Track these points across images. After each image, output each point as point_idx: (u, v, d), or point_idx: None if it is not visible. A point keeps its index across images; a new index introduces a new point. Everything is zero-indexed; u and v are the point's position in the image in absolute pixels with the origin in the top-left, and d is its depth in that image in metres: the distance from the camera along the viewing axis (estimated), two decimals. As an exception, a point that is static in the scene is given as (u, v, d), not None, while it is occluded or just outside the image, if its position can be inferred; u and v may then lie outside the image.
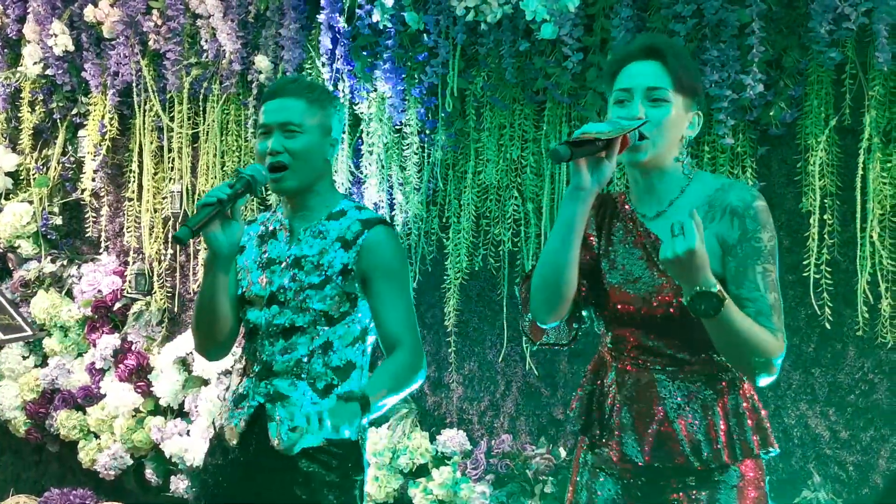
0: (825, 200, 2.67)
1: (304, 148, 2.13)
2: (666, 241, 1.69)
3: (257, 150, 2.17)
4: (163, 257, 3.94)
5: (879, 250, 2.60)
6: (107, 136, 4.04)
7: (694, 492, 1.85)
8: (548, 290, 1.85)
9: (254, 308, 2.19)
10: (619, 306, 1.90)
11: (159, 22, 3.76)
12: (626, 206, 1.95)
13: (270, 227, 2.26)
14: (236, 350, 2.34)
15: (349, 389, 2.07)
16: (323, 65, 3.37)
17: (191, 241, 3.83)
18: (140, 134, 3.95)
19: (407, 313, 2.16)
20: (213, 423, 2.29)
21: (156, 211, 3.94)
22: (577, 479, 1.99)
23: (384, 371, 2.10)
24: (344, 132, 3.35)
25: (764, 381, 1.82)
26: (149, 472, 3.91)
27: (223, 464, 2.19)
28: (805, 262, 2.68)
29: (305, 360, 2.14)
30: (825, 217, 2.66)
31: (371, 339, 2.23)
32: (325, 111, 2.17)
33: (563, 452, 3.10)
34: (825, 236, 2.67)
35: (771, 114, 2.69)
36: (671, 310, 1.83)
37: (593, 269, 1.94)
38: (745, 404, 1.87)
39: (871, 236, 2.60)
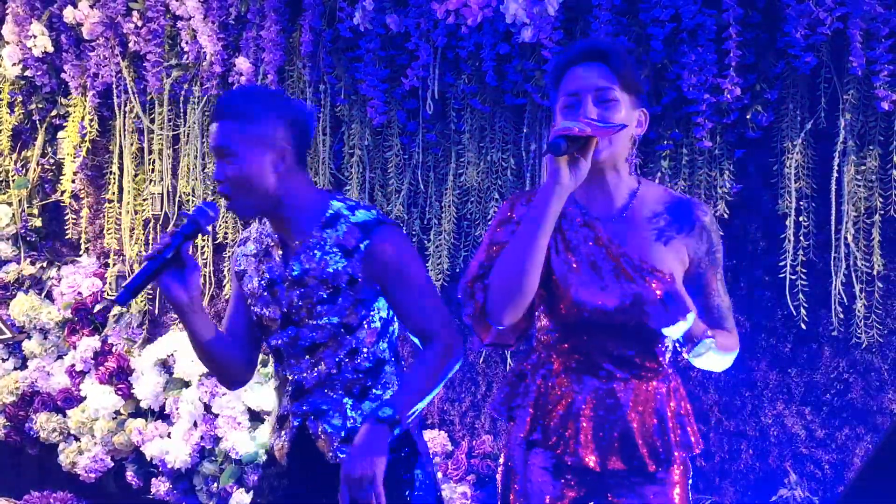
0: (801, 202, 2.70)
1: (239, 173, 1.98)
2: (663, 315, 1.79)
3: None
4: (143, 259, 3.93)
5: (854, 252, 2.64)
6: (87, 138, 4.02)
7: (637, 489, 1.91)
8: (512, 290, 1.81)
9: (271, 332, 2.11)
10: (584, 313, 1.88)
11: (139, 23, 3.75)
12: (574, 209, 1.92)
13: (264, 245, 2.15)
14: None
15: (380, 411, 1.97)
16: (304, 66, 3.38)
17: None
18: (120, 135, 3.93)
19: (428, 306, 2.06)
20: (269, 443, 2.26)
21: (136, 213, 3.93)
22: (517, 472, 1.98)
23: (414, 378, 2.04)
24: (319, 133, 3.36)
25: (721, 369, 1.99)
26: (130, 475, 3.90)
27: (278, 492, 2.15)
28: (781, 264, 2.71)
29: (335, 372, 2.07)
30: (801, 219, 2.70)
31: (393, 327, 2.14)
32: (260, 124, 1.99)
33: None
34: (801, 238, 2.70)
35: (748, 117, 2.72)
36: (642, 318, 1.85)
37: (548, 278, 1.91)
38: (683, 405, 1.96)
39: (845, 238, 2.64)
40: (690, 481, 1.98)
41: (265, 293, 2.10)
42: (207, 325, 2.06)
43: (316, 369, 2.08)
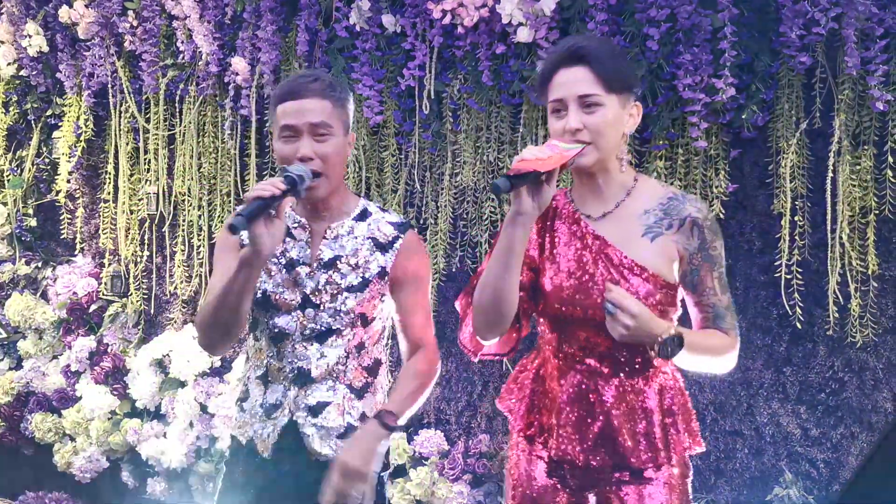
0: (796, 202, 2.71)
1: (335, 151, 2.04)
2: (610, 322, 1.77)
3: (285, 153, 2.03)
4: (139, 259, 3.93)
5: (849, 251, 2.64)
6: (82, 138, 4.01)
7: (625, 487, 1.90)
8: (490, 313, 1.88)
9: (281, 312, 2.10)
10: (566, 309, 1.91)
11: (135, 23, 3.75)
12: (569, 207, 1.96)
13: (284, 225, 2.13)
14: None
15: (387, 417, 2.03)
16: (300, 66, 3.38)
17: (167, 242, 3.84)
18: (116, 135, 3.93)
19: (428, 316, 2.18)
20: (234, 433, 2.18)
21: (132, 213, 3.92)
22: (517, 464, 2.01)
23: (410, 384, 2.12)
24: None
25: (721, 373, 1.97)
26: (125, 475, 3.90)
27: (254, 484, 2.13)
28: (776, 263, 2.72)
29: (342, 363, 2.09)
30: (796, 218, 2.71)
31: (387, 333, 2.21)
32: (346, 110, 2.08)
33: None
34: (796, 237, 2.71)
35: (743, 117, 2.73)
36: None
37: (535, 274, 1.96)
38: (678, 403, 1.94)
39: (840, 237, 2.65)
40: (689, 480, 1.97)
41: (283, 272, 2.10)
42: (255, 283, 1.99)
43: (324, 358, 2.09)
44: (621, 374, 1.91)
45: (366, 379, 2.13)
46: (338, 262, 2.09)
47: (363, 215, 2.14)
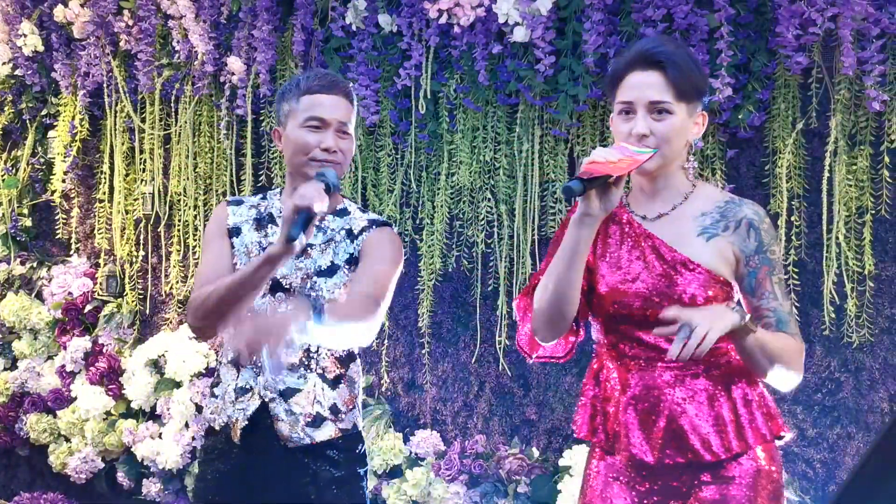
0: (792, 202, 2.71)
1: (350, 149, 2.15)
2: (692, 343, 1.70)
3: (307, 141, 2.07)
4: (134, 259, 3.92)
5: (845, 251, 2.65)
6: (77, 137, 4.01)
7: (706, 488, 1.85)
8: (552, 313, 1.88)
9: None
10: (618, 307, 1.89)
11: (130, 22, 3.74)
12: (623, 209, 1.95)
13: (266, 212, 2.18)
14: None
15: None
16: (296, 66, 3.37)
17: (162, 242, 3.83)
18: (111, 135, 3.92)
19: (378, 279, 2.06)
20: (207, 419, 2.16)
21: (127, 212, 3.91)
22: (592, 485, 1.96)
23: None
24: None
25: (792, 385, 1.89)
26: (120, 476, 3.89)
27: (225, 469, 2.11)
28: (773, 263, 2.72)
29: (314, 349, 2.09)
30: (793, 219, 2.71)
31: None
32: (355, 115, 2.18)
33: (535, 452, 3.13)
34: (793, 237, 2.71)
35: (740, 117, 2.73)
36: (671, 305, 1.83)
37: (589, 275, 1.94)
38: (752, 393, 1.88)
39: (837, 237, 2.65)
40: (781, 476, 1.89)
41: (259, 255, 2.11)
42: (267, 280, 2.01)
43: (294, 344, 2.05)
44: (681, 369, 1.87)
45: (338, 370, 2.11)
46: (309, 249, 2.10)
47: (342, 213, 2.16)
